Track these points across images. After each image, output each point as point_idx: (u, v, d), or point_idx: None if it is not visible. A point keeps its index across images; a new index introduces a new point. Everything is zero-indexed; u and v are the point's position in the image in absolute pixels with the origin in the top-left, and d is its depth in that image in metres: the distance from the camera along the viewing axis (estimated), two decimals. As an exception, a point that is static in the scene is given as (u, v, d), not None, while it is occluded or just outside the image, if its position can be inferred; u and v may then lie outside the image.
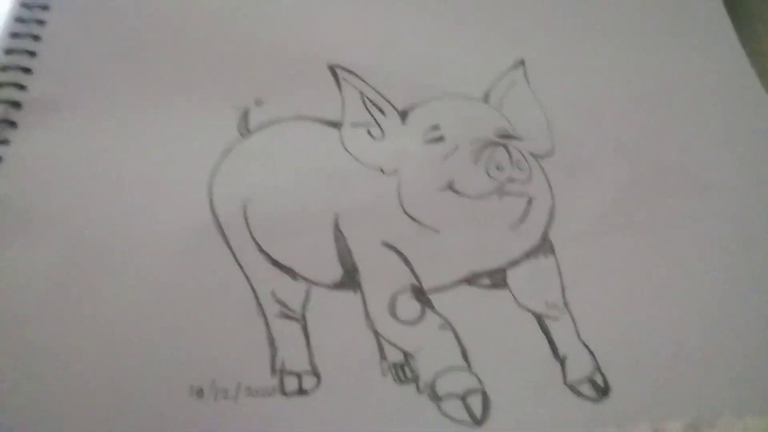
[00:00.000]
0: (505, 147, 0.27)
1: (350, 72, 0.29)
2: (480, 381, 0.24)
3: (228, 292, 0.25)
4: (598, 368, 0.24)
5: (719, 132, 0.30)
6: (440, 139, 0.28)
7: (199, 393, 0.23)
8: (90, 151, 0.27)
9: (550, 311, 0.25)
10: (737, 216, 0.28)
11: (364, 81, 0.29)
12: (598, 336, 0.25)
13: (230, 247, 0.25)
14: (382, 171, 0.27)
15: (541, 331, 0.25)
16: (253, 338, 0.24)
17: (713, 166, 0.29)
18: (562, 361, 0.24)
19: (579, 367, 0.24)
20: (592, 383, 0.24)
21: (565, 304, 0.26)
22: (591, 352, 0.25)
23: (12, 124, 0.27)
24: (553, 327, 0.25)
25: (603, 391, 0.24)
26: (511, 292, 0.26)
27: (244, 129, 0.28)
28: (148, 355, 0.23)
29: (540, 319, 0.25)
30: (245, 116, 0.28)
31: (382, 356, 0.24)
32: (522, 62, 0.31)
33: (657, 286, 0.26)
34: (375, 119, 0.28)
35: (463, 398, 0.23)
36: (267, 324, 0.24)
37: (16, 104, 0.27)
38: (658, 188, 0.28)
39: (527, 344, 0.25)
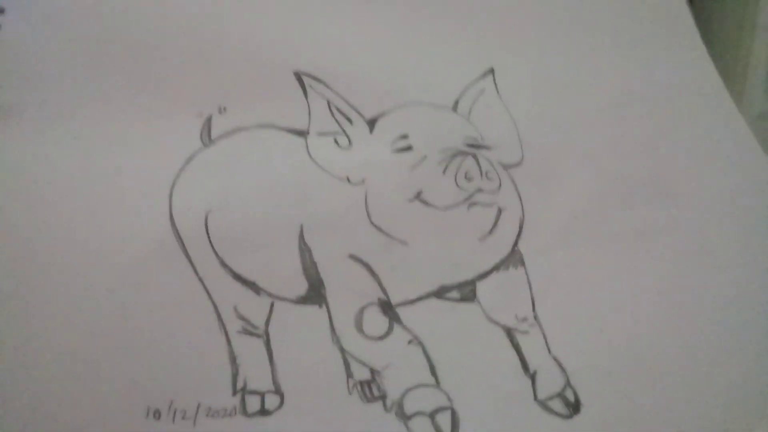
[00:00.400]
0: (475, 157, 0.27)
1: (317, 79, 0.29)
2: (449, 398, 0.23)
3: (188, 308, 0.24)
4: (568, 383, 0.24)
5: (687, 142, 0.30)
6: (408, 148, 0.27)
7: (156, 414, 0.22)
8: (44, 159, 0.26)
9: (520, 325, 0.25)
10: (705, 227, 0.28)
11: (331, 89, 0.28)
12: (568, 350, 0.25)
13: (190, 260, 0.25)
14: (349, 181, 0.27)
15: (511, 346, 0.25)
16: (214, 356, 0.23)
17: (681, 176, 0.29)
18: (532, 377, 0.24)
19: (550, 382, 0.24)
20: (563, 399, 0.24)
21: (535, 317, 0.25)
22: (562, 367, 0.24)
23: (-38, 131, 0.26)
24: (524, 341, 0.25)
25: (574, 407, 0.24)
26: (480, 305, 0.25)
27: (207, 137, 0.27)
28: (103, 374, 0.22)
29: (510, 333, 0.25)
30: (208, 124, 0.27)
31: (348, 373, 0.23)
32: (491, 71, 0.30)
33: (626, 298, 0.26)
34: (342, 128, 0.27)
35: (431, 416, 0.23)
36: (228, 341, 0.23)
37: (-33, 110, 0.26)
38: (627, 198, 0.28)
39: (497, 359, 0.24)
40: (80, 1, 0.29)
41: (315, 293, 0.25)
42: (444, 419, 0.23)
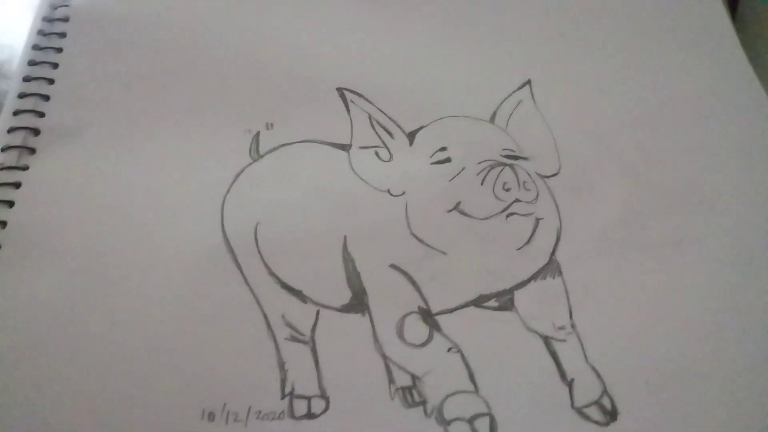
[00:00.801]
0: (512, 167, 0.27)
1: (358, 95, 0.30)
2: (487, 404, 0.24)
3: (239, 315, 0.25)
4: (605, 391, 0.24)
5: (724, 150, 0.30)
6: (447, 160, 0.28)
7: (211, 416, 0.23)
8: (105, 176, 0.27)
9: (558, 333, 0.25)
10: (743, 234, 0.28)
11: (372, 103, 0.29)
12: (605, 358, 0.25)
13: (241, 270, 0.26)
14: (390, 193, 0.27)
15: (548, 354, 0.25)
16: (264, 362, 0.24)
17: (718, 185, 0.29)
18: (569, 385, 0.24)
19: (587, 390, 0.24)
20: (600, 407, 0.24)
21: (573, 325, 0.26)
22: (599, 375, 0.25)
23: (31, 150, 0.28)
24: (561, 349, 0.25)
25: (611, 414, 0.24)
26: (518, 314, 0.26)
27: (255, 152, 0.28)
28: (161, 378, 0.23)
29: (547, 342, 0.25)
30: (256, 140, 0.29)
31: (390, 380, 0.24)
32: (528, 82, 0.31)
33: (664, 307, 0.26)
34: (383, 141, 0.28)
35: (470, 422, 0.23)
36: (277, 347, 0.24)
37: (35, 131, 0.28)
38: (664, 207, 0.28)
39: (535, 367, 0.25)
40: (137, 27, 0.31)
41: (358, 302, 0.26)
42: (482, 425, 0.23)
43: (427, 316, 0.25)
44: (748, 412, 0.24)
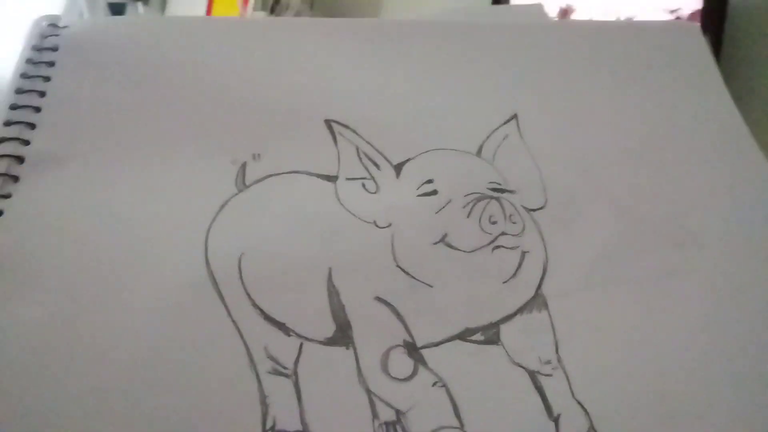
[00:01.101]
0: (498, 200, 0.28)
1: (346, 126, 0.30)
2: (473, 441, 0.23)
3: (220, 347, 0.25)
4: (592, 427, 0.24)
5: (711, 186, 0.30)
6: (434, 192, 0.28)
7: (189, 452, 0.22)
8: (89, 205, 0.27)
9: (544, 368, 0.25)
10: (729, 270, 0.28)
11: (359, 135, 0.29)
12: (592, 393, 0.25)
13: (224, 302, 0.25)
14: (376, 224, 0.27)
15: (534, 389, 0.25)
16: (245, 395, 0.24)
17: (705, 218, 0.29)
18: (556, 420, 0.24)
19: (573, 426, 0.24)
20: (587, 443, 0.24)
21: (559, 360, 0.25)
22: (585, 411, 0.24)
23: (14, 178, 0.27)
24: (547, 384, 0.25)
25: (598, 451, 0.24)
26: (504, 348, 0.26)
27: (241, 183, 0.28)
28: (137, 410, 0.23)
29: (533, 376, 0.25)
30: (242, 170, 0.29)
31: (374, 414, 0.24)
32: (515, 116, 0.31)
33: (651, 342, 0.26)
34: (370, 173, 0.29)
35: (455, 458, 0.23)
36: (259, 380, 0.24)
37: (19, 159, 0.28)
38: (651, 240, 0.29)
39: (521, 402, 0.24)
40: (125, 59, 0.31)
41: (342, 335, 0.25)
42: (468, 462, 0.23)
43: (412, 349, 0.25)
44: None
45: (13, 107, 0.29)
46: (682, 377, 0.25)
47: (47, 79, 0.30)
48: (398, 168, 0.29)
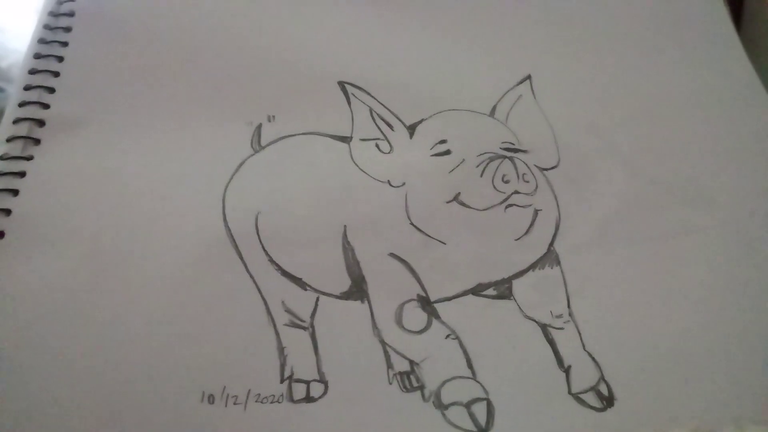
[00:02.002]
0: (512, 160, 0.28)
1: (359, 88, 0.30)
2: (485, 390, 0.24)
3: (239, 302, 0.25)
4: (602, 378, 0.24)
5: (723, 144, 0.30)
6: (447, 152, 0.28)
7: (210, 399, 0.23)
8: (108, 167, 0.28)
9: (555, 321, 0.25)
10: (739, 226, 0.28)
11: (372, 97, 0.30)
12: (602, 346, 0.25)
13: (242, 258, 0.26)
14: (390, 184, 0.28)
15: (546, 341, 0.25)
16: (264, 347, 0.24)
17: (715, 177, 0.29)
18: (566, 371, 0.25)
19: (584, 376, 0.24)
20: (597, 393, 0.24)
21: (570, 314, 0.26)
22: (596, 362, 0.25)
23: (36, 141, 0.28)
24: (558, 337, 0.25)
25: (608, 400, 0.24)
26: (516, 302, 0.26)
27: (257, 144, 0.29)
28: (162, 361, 0.24)
29: (545, 329, 0.25)
30: (258, 131, 0.29)
31: (389, 365, 0.24)
32: (529, 77, 0.31)
33: (660, 296, 0.26)
34: (383, 134, 0.29)
35: (467, 406, 0.23)
36: (277, 333, 0.25)
37: (39, 122, 0.28)
38: (662, 200, 0.29)
39: (532, 354, 0.25)
40: (141, 22, 0.32)
41: (357, 289, 0.26)
42: (480, 409, 0.23)
43: (425, 303, 0.26)
44: (742, 399, 0.24)
45: (32, 72, 0.30)
46: (691, 332, 0.26)
47: (65, 44, 0.31)
48: (412, 128, 0.29)
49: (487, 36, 0.32)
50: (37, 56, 0.30)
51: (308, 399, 0.24)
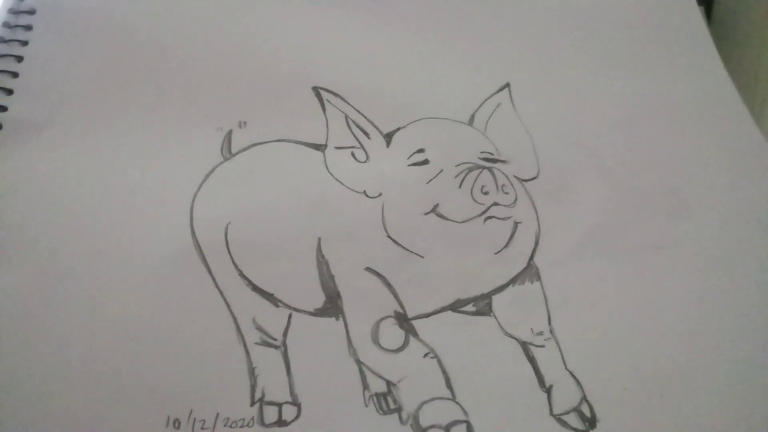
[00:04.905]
0: (491, 170, 0.27)
1: (335, 94, 0.29)
2: (464, 411, 0.23)
3: (207, 318, 0.24)
4: (584, 398, 0.24)
5: (703, 155, 0.30)
6: (425, 162, 0.27)
7: (176, 424, 0.22)
8: (70, 173, 0.27)
9: (536, 339, 0.25)
10: (722, 239, 0.28)
11: (348, 103, 0.29)
12: (584, 364, 0.24)
13: (210, 271, 0.25)
14: (366, 194, 0.27)
15: (526, 360, 0.25)
16: (233, 367, 0.23)
17: (697, 189, 0.29)
18: (548, 391, 0.24)
19: (566, 396, 0.24)
20: (579, 414, 0.24)
21: (551, 331, 0.25)
22: (577, 381, 0.24)
23: (-10, 146, 0.26)
24: (539, 355, 0.25)
25: (590, 422, 0.23)
26: (496, 319, 0.25)
27: (227, 151, 0.28)
28: (124, 383, 0.23)
29: (525, 347, 0.25)
30: (228, 138, 0.28)
31: (365, 386, 0.24)
32: (507, 85, 0.30)
33: (642, 311, 0.26)
34: (359, 142, 0.28)
35: (447, 429, 0.23)
36: (247, 352, 0.24)
37: (-5, 125, 0.27)
38: (643, 211, 0.28)
39: (513, 373, 0.24)
40: (106, 20, 0.30)
41: (332, 305, 0.25)
42: (459, 432, 0.23)
43: (403, 320, 0.25)
44: (726, 418, 0.24)
45: (-10, 72, 0.28)
46: (673, 347, 0.25)
47: (25, 43, 0.29)
48: (388, 137, 0.28)
49: (465, 42, 0.32)
50: (-4, 55, 0.29)
51: (280, 423, 0.23)
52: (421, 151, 0.28)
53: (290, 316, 0.25)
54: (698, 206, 0.29)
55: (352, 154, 0.28)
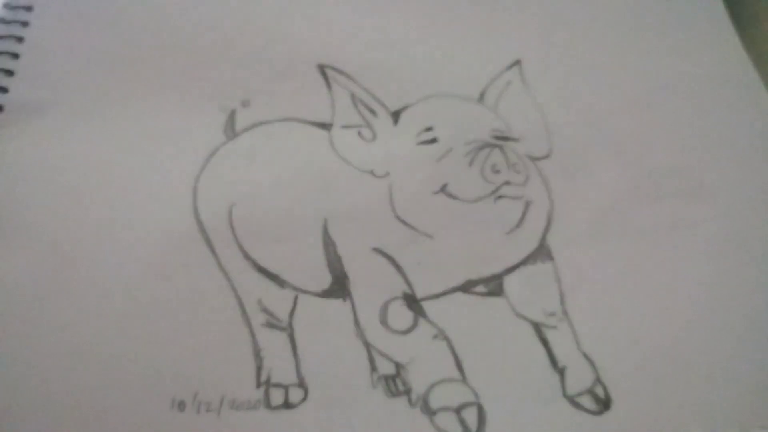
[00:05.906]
0: (502, 149, 0.26)
1: (340, 72, 0.28)
2: (475, 393, 0.23)
3: (212, 300, 0.24)
4: (598, 380, 0.23)
5: (718, 134, 0.29)
6: (434, 140, 0.27)
7: (181, 406, 0.22)
8: (71, 155, 0.26)
9: (549, 320, 0.24)
10: (736, 219, 0.27)
11: (354, 81, 0.28)
12: (598, 346, 0.24)
13: (215, 253, 0.25)
14: (373, 174, 0.26)
15: (539, 341, 0.24)
16: (238, 349, 0.23)
17: (712, 169, 0.28)
18: (561, 372, 0.23)
19: (579, 378, 0.23)
20: (593, 395, 0.23)
21: (564, 312, 0.25)
22: (591, 363, 0.24)
23: (-9, 127, 0.26)
24: (552, 336, 0.24)
25: (604, 403, 0.23)
26: (507, 300, 0.25)
27: (231, 130, 0.27)
28: (129, 366, 0.22)
29: (538, 328, 0.24)
30: (231, 117, 0.28)
31: (373, 367, 0.23)
32: (518, 62, 0.30)
33: (657, 293, 0.25)
34: (366, 120, 0.27)
35: (457, 411, 0.22)
36: (252, 334, 0.23)
37: (-4, 107, 0.27)
38: (657, 191, 0.27)
39: (525, 355, 0.24)
40: (106, 1, 0.30)
41: (339, 287, 0.24)
42: (470, 415, 0.22)
43: (411, 301, 0.24)
44: (741, 400, 0.23)
45: (-10, 53, 0.28)
46: (688, 328, 0.24)
47: (25, 24, 0.29)
48: (396, 115, 0.28)
49: (476, 18, 0.31)
50: (-5, 36, 0.28)
51: (287, 405, 0.22)
52: (429, 129, 0.27)
53: (296, 297, 0.24)
54: (715, 186, 0.28)
55: (359, 133, 0.27)
